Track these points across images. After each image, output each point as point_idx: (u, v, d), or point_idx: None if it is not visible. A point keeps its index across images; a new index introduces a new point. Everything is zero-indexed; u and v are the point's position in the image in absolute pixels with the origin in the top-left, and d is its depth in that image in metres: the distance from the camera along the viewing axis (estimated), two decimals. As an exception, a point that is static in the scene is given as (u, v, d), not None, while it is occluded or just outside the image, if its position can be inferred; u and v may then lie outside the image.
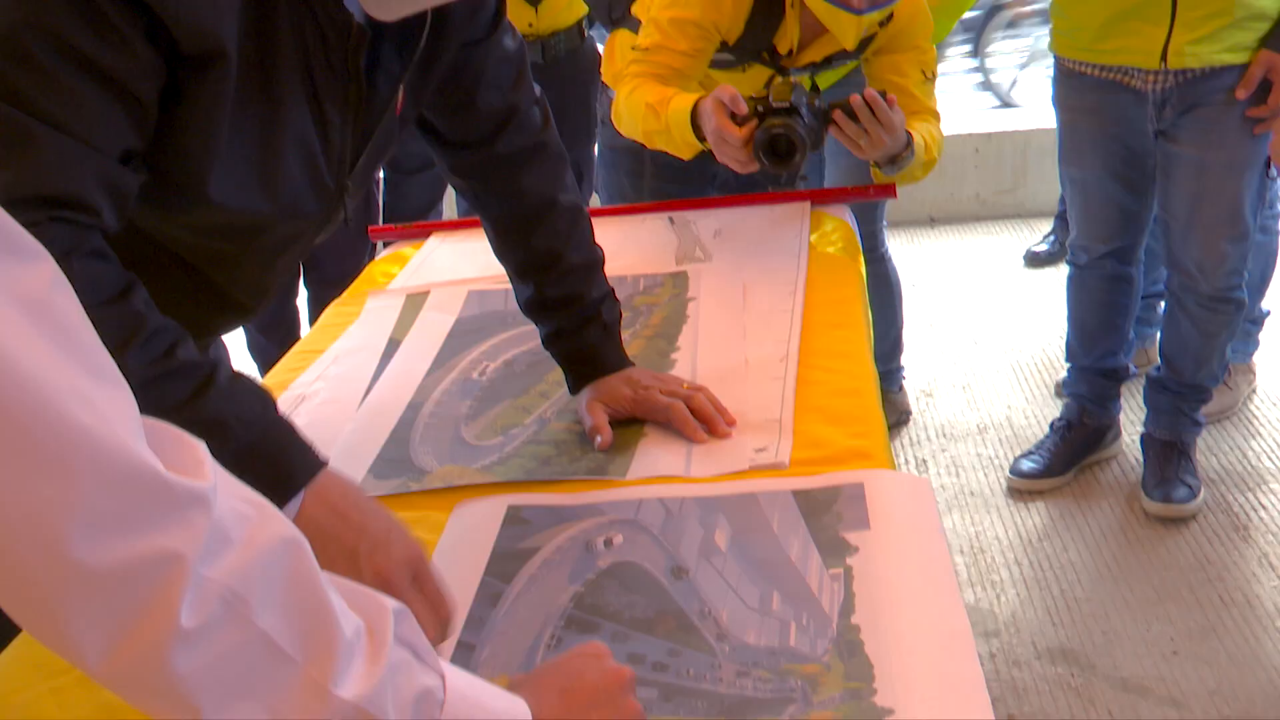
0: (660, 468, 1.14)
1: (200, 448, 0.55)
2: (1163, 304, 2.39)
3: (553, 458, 1.19)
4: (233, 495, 0.55)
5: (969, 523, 2.35)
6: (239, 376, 0.88)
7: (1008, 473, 2.46)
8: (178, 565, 0.50)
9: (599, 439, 1.19)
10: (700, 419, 1.20)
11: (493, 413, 1.31)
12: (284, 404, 1.37)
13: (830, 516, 1.03)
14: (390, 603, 0.61)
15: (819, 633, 0.89)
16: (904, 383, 2.76)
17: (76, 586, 0.48)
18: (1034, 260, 3.55)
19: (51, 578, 0.47)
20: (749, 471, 1.12)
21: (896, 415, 2.70)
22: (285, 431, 0.88)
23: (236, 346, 2.76)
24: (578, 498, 1.11)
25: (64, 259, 0.79)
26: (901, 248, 3.73)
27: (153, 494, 0.50)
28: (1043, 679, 1.93)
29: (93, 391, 0.49)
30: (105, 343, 0.80)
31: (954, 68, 5.41)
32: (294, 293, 2.76)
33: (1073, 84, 2.20)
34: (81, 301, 0.79)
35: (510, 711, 0.65)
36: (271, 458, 0.85)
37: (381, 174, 2.90)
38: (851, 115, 1.57)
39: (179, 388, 0.83)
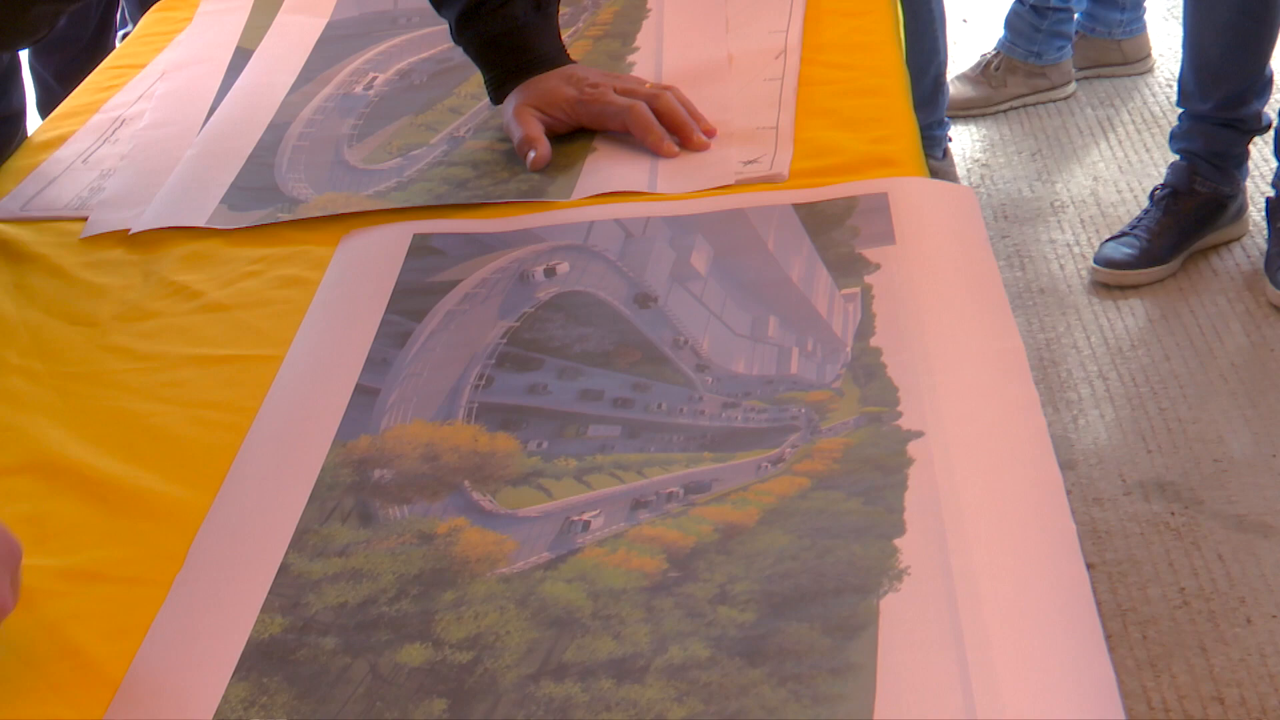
0: (615, 184, 1.22)
1: None
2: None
3: (471, 180, 1.26)
4: None
5: (1038, 328, 2.47)
6: None
7: (1091, 262, 2.58)
8: None
9: (532, 154, 1.26)
10: (668, 125, 1.27)
11: (386, 132, 1.38)
12: (96, 129, 1.44)
13: (843, 231, 1.12)
14: None
15: (828, 358, 0.98)
16: (949, 146, 2.85)
17: None
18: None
19: None
20: (735, 186, 1.21)
21: (940, 191, 2.79)
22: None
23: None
24: (506, 223, 1.19)
25: None
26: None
27: None
28: (1132, 519, 2.07)
29: None
30: None
31: None
32: (113, 23, 2.79)
33: None
34: None
35: None
36: None
37: None
38: None
39: None
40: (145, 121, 1.44)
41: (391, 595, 0.82)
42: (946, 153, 2.84)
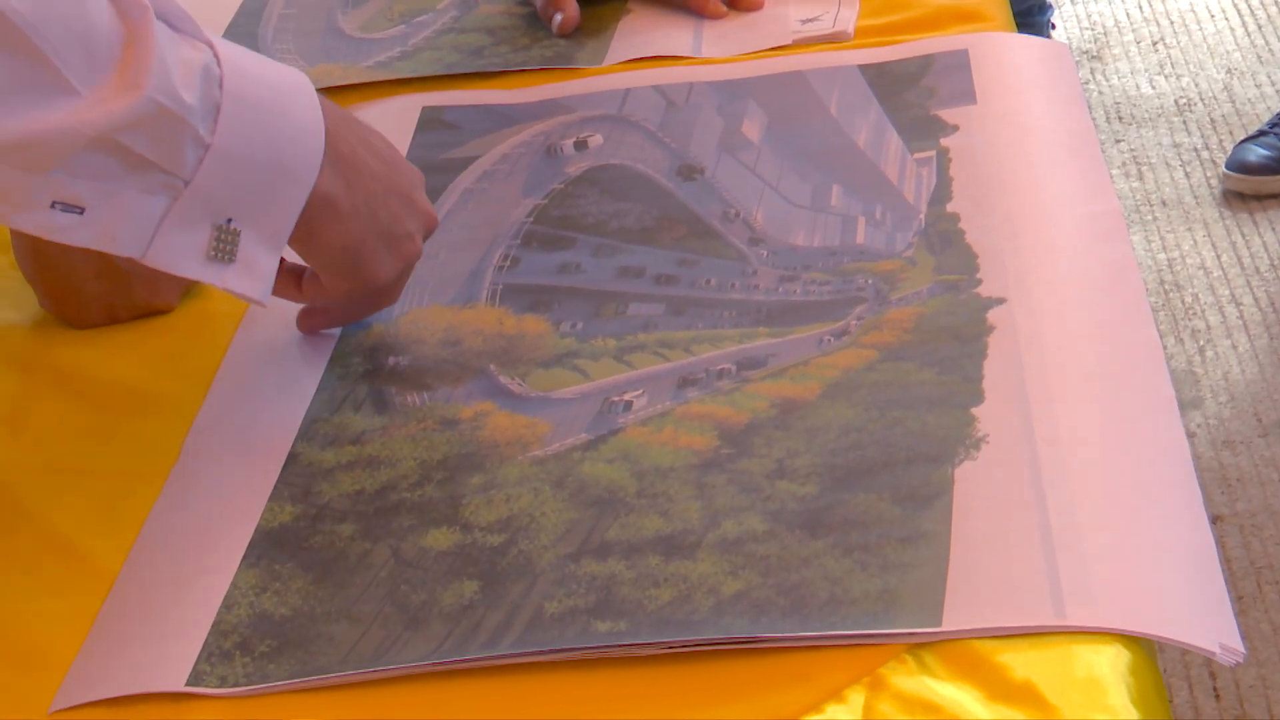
0: (654, 48, 1.31)
1: None
2: None
3: (487, 47, 1.35)
4: None
5: (1159, 246, 2.54)
6: None
7: (1223, 168, 2.64)
8: None
9: (559, 17, 1.35)
10: (715, -19, 1.36)
11: (385, -3, 1.47)
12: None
13: (917, 92, 1.20)
14: None
15: (899, 226, 1.07)
16: (1053, 33, 2.91)
17: None
18: None
19: None
20: (792, 47, 1.29)
21: (1040, 88, 2.85)
22: None
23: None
24: (529, 93, 1.27)
25: None
26: None
27: None
28: (1269, 464, 2.14)
29: None
30: None
31: None
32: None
33: None
34: None
35: (297, 89, 0.91)
36: None
37: None
38: None
39: None
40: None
41: (413, 481, 0.91)
42: (1049, 39, 2.90)
